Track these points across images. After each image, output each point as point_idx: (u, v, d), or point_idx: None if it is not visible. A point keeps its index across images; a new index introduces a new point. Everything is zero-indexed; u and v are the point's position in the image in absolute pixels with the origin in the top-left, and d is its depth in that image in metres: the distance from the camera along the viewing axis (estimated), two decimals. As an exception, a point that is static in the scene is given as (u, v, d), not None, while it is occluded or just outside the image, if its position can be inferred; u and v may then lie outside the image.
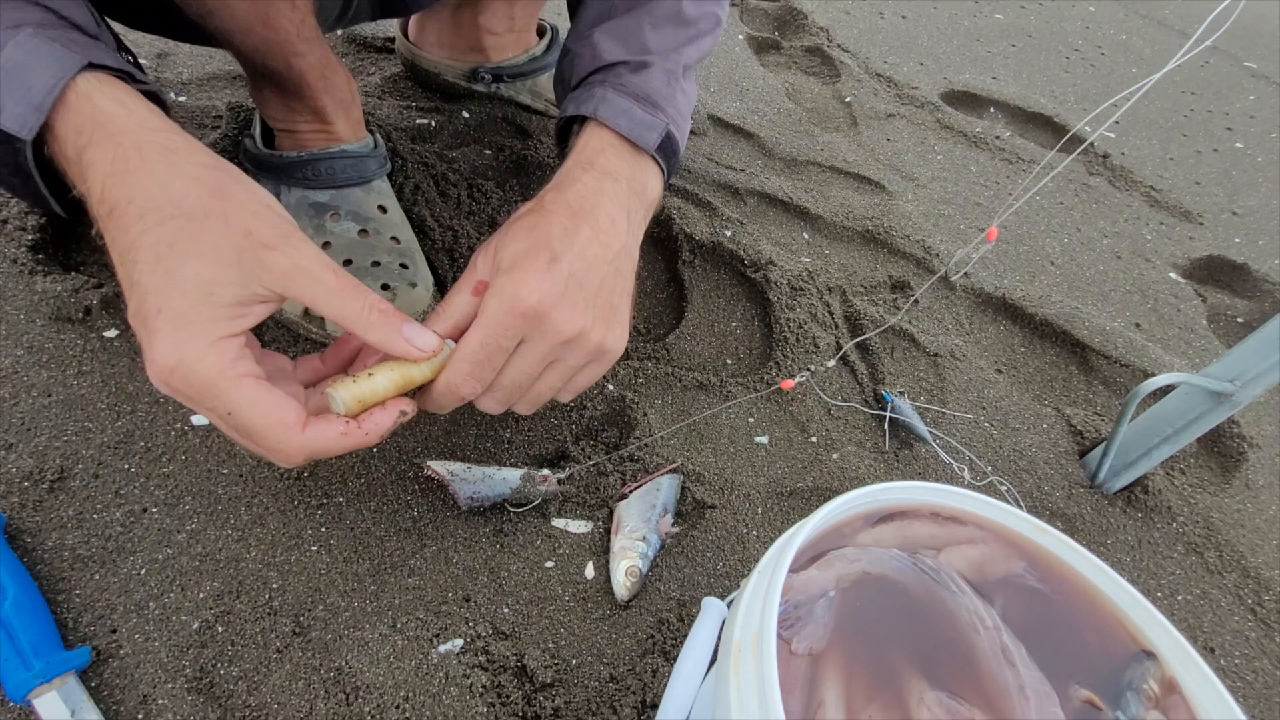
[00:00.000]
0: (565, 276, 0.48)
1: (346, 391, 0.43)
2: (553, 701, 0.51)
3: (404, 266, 0.72)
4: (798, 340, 0.81)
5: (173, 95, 0.91)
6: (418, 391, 0.49)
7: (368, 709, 0.48)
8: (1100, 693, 0.36)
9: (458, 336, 0.49)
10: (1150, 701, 0.36)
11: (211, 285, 0.39)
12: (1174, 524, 0.77)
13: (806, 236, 0.99)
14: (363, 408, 0.44)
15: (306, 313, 0.67)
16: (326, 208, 0.72)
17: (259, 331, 0.66)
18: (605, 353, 0.52)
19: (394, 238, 0.74)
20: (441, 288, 0.76)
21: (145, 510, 0.55)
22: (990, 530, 0.42)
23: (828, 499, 0.68)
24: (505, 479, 0.60)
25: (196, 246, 0.39)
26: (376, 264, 0.71)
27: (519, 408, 0.54)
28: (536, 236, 0.49)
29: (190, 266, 0.39)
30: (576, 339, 0.49)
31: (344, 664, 0.50)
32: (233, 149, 0.80)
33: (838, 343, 0.84)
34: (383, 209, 0.75)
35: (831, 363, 0.80)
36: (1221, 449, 0.87)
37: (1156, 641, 0.37)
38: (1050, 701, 0.35)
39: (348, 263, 0.69)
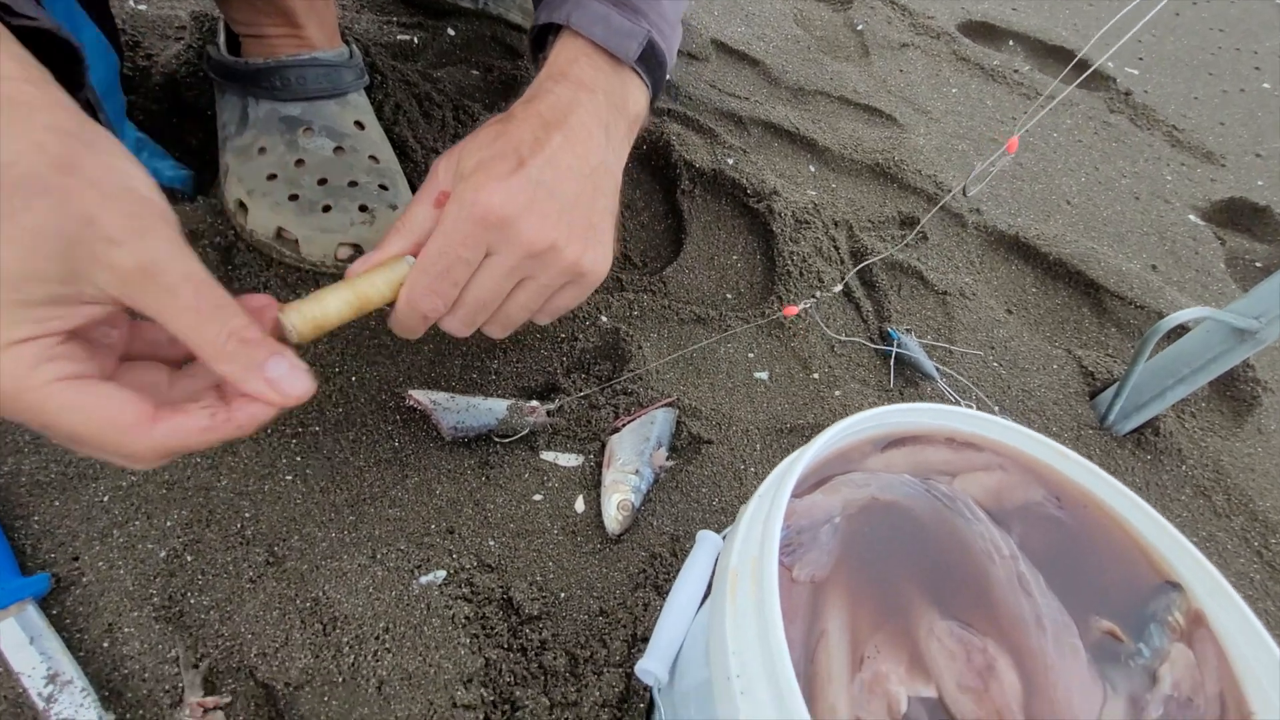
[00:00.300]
0: (534, 184, 0.44)
1: (298, 316, 0.39)
2: (540, 634, 0.49)
3: (383, 188, 0.67)
4: (801, 275, 0.77)
5: (132, 4, 0.84)
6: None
7: (346, 639, 0.46)
8: (1122, 624, 0.34)
9: (413, 252, 0.45)
10: (1175, 633, 0.34)
11: (18, 279, 0.30)
12: (1183, 467, 0.75)
13: (813, 169, 0.94)
14: (319, 333, 0.40)
15: (280, 234, 0.63)
16: (298, 122, 0.67)
17: (229, 258, 0.62)
18: (584, 274, 0.48)
19: (373, 156, 0.69)
20: (424, 212, 0.71)
21: (107, 436, 0.51)
22: (1009, 456, 0.39)
23: (829, 435, 0.65)
24: (491, 409, 0.57)
25: (12, 229, 0.30)
26: (354, 184, 0.66)
27: (490, 329, 0.50)
28: (502, 143, 0.45)
29: None
30: (547, 253, 0.45)
31: (321, 594, 0.48)
32: (196, 61, 0.74)
33: (843, 278, 0.80)
34: (359, 125, 0.70)
35: (838, 288, 0.76)
36: (1234, 392, 0.85)
37: (1184, 572, 0.35)
38: (1068, 632, 0.33)
39: (323, 181, 0.64)
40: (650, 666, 0.40)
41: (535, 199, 0.44)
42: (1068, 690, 0.32)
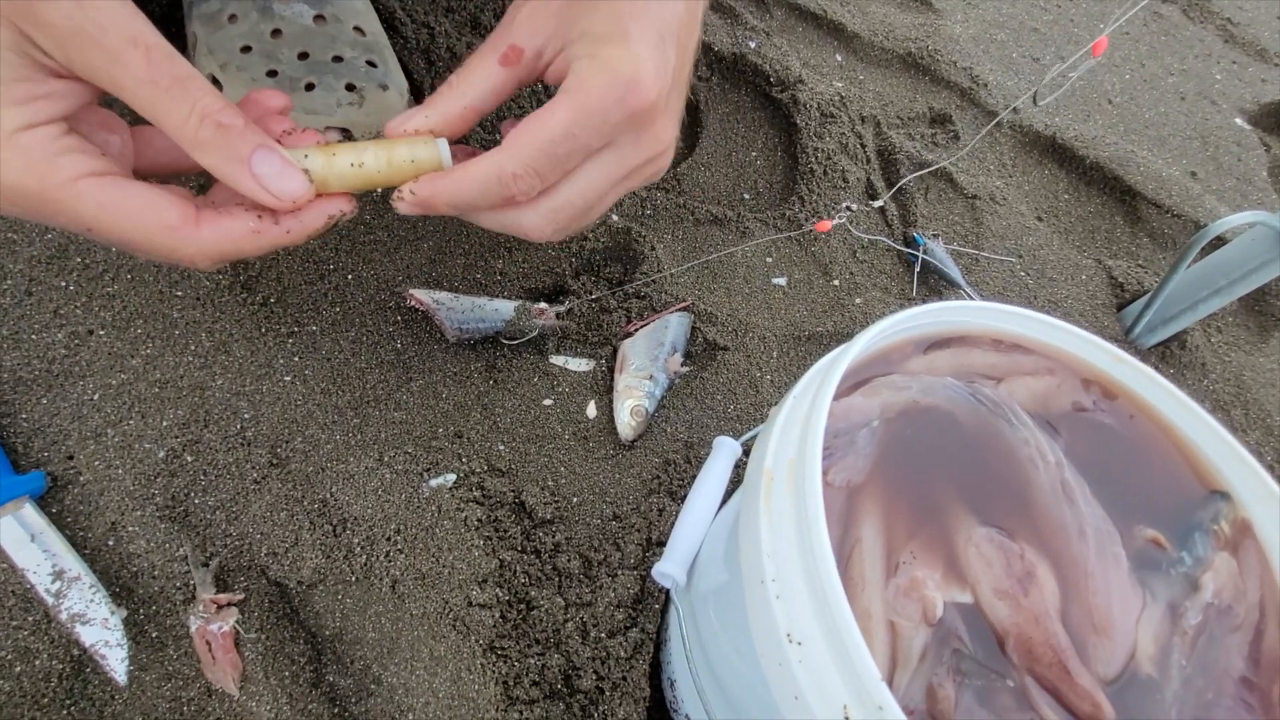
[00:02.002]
0: (674, 69, 0.36)
1: (320, 160, 0.33)
2: (553, 537, 0.49)
3: (372, 65, 0.60)
4: (825, 174, 0.72)
5: None
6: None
7: (356, 540, 0.45)
8: (1167, 533, 0.32)
9: (459, 128, 0.36)
10: (1220, 542, 0.33)
11: None
12: (1205, 381, 0.73)
13: (840, 59, 0.86)
14: (338, 188, 0.34)
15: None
16: (272, -15, 0.59)
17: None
18: (661, 172, 0.41)
19: (357, 28, 0.62)
20: (418, 95, 0.65)
21: (91, 332, 0.48)
22: (1059, 360, 0.36)
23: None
24: (498, 310, 0.54)
25: None
26: (339, 59, 0.59)
27: (560, 232, 0.39)
28: (637, 7, 0.34)
29: None
30: (661, 155, 0.38)
31: (328, 496, 0.47)
32: (152, -89, 0.65)
33: (868, 178, 0.75)
34: (341, -10, 0.62)
35: (878, 204, 0.71)
36: (1263, 308, 0.82)
37: (1236, 480, 0.33)
38: (1111, 541, 0.32)
39: (304, 55, 0.58)
40: (668, 569, 0.40)
41: (674, 92, 0.36)
42: (1106, 597, 0.31)
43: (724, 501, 0.43)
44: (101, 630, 0.40)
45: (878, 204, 0.70)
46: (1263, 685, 0.30)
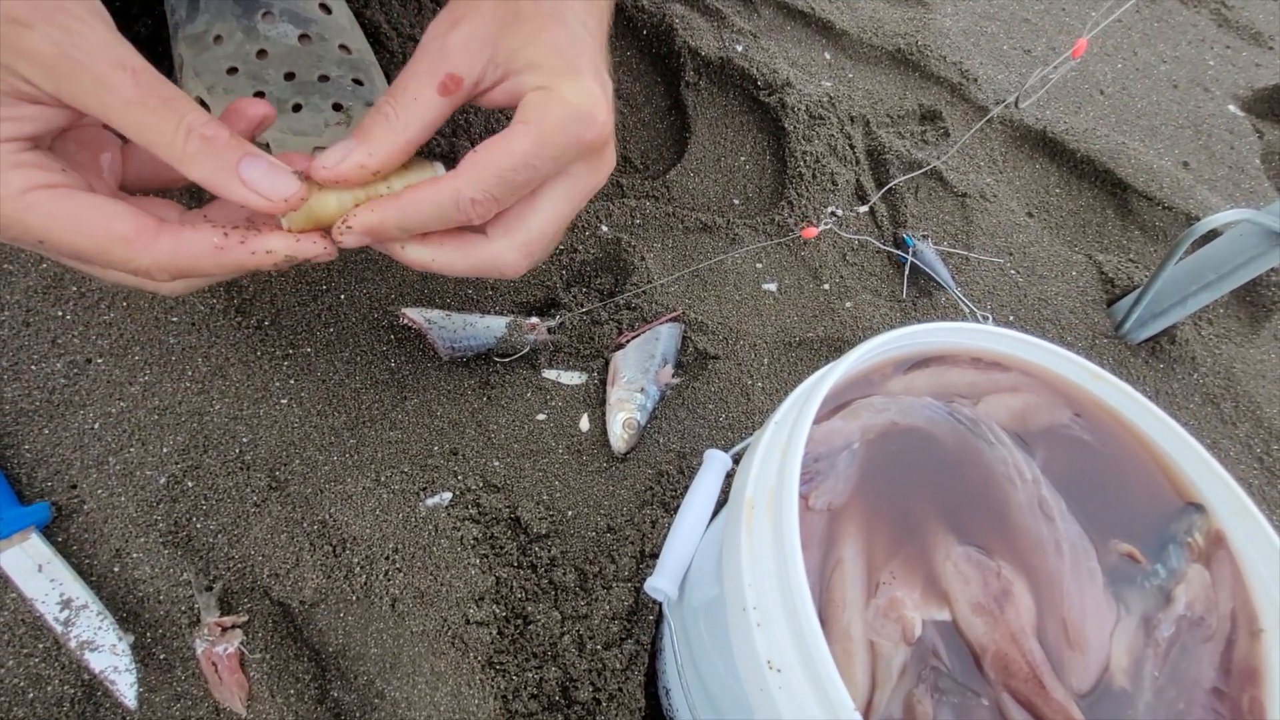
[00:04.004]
0: (610, 96, 0.37)
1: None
2: (549, 552, 0.50)
3: (358, 83, 0.61)
4: (814, 177, 0.72)
5: None
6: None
7: (356, 560, 0.47)
8: (1142, 546, 0.33)
9: (398, 164, 0.35)
10: (1193, 554, 0.33)
11: None
12: (1195, 375, 0.73)
13: (828, 56, 0.86)
14: (313, 226, 0.35)
15: (247, 137, 0.57)
16: (256, 5, 0.59)
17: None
18: None
19: (343, 46, 0.62)
20: (405, 110, 0.65)
21: (89, 361, 0.49)
22: (1037, 377, 0.37)
23: (839, 350, 0.63)
24: (489, 327, 0.54)
25: None
26: (325, 78, 0.59)
27: (533, 264, 0.40)
28: (570, 32, 0.36)
29: None
30: (605, 178, 0.39)
31: (327, 517, 0.48)
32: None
33: (858, 180, 0.75)
34: (325, 8, 0.62)
35: (864, 209, 0.71)
36: (1254, 298, 0.82)
37: (1210, 494, 0.34)
38: (1087, 556, 0.33)
39: (290, 76, 0.58)
40: (660, 584, 0.41)
41: (611, 115, 0.38)
42: (1081, 612, 0.32)
43: (717, 512, 0.44)
44: (110, 656, 0.41)
45: (863, 209, 0.70)
46: (1233, 694, 0.31)
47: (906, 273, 0.71)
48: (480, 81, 0.36)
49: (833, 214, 0.69)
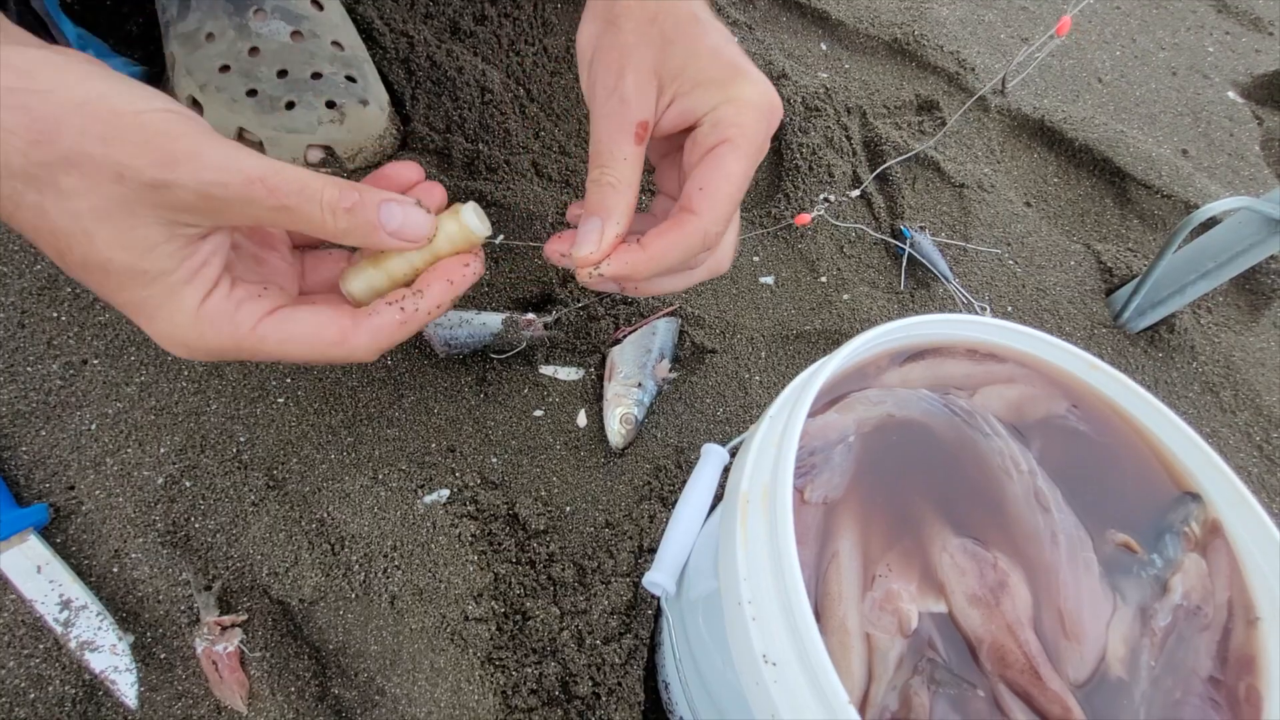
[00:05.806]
0: None
1: (359, 283, 0.37)
2: (547, 548, 0.50)
3: (351, 80, 0.60)
4: (810, 169, 0.72)
5: None
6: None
7: (355, 558, 0.47)
8: (1138, 536, 0.33)
9: (631, 215, 0.37)
10: (1190, 543, 0.33)
11: (133, 256, 0.30)
12: (1194, 363, 0.73)
13: (824, 47, 0.86)
14: (375, 296, 0.38)
15: (241, 135, 0.57)
16: (247, 2, 0.59)
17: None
18: None
19: (336, 42, 0.61)
20: (399, 107, 0.65)
21: (85, 362, 0.49)
22: (1034, 368, 0.37)
23: (837, 342, 0.63)
24: (485, 323, 0.54)
25: (71, 219, 0.29)
26: (318, 75, 0.59)
27: (679, 281, 0.41)
28: (713, 33, 0.37)
29: (86, 249, 0.29)
30: None
31: (325, 515, 0.48)
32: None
33: (854, 172, 0.75)
34: (318, 4, 0.62)
35: (855, 193, 0.71)
36: (1253, 286, 0.82)
37: (1206, 483, 0.34)
38: (1083, 547, 0.33)
39: (283, 73, 0.58)
40: (658, 579, 0.41)
41: None
42: (1077, 603, 0.32)
43: (714, 506, 0.44)
44: (110, 656, 0.41)
45: (855, 193, 0.70)
46: (1229, 683, 0.31)
47: (904, 264, 0.70)
48: (659, 117, 0.37)
49: (825, 200, 0.68)
